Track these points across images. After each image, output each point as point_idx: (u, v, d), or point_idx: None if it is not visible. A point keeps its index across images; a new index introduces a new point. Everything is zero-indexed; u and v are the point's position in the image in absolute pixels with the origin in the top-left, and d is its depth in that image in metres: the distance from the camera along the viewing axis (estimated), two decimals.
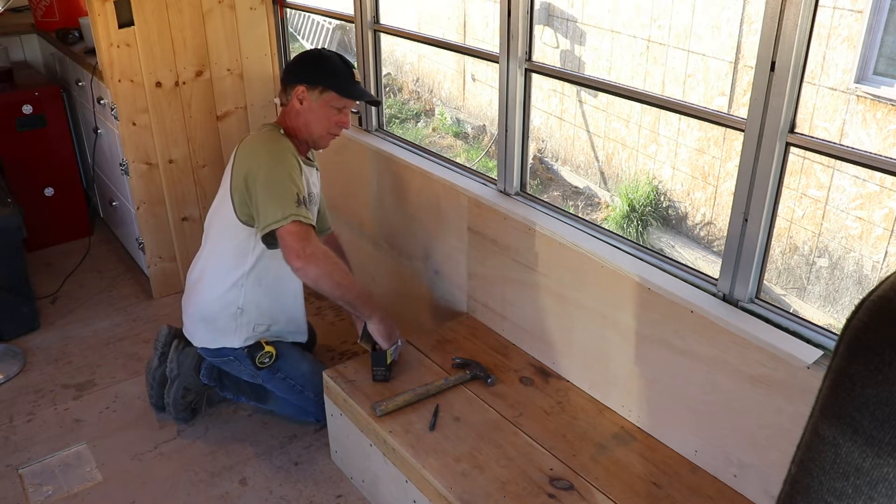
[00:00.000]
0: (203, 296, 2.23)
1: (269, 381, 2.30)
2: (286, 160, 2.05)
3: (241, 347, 2.22)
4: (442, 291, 2.52)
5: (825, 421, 0.57)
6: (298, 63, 2.19)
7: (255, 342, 2.23)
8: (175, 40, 2.87)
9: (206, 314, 2.23)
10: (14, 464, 2.28)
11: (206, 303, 2.22)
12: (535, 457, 1.83)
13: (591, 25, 6.50)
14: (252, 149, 2.10)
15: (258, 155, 2.07)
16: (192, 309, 2.27)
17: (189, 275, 2.34)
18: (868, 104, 4.57)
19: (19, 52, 3.89)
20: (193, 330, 2.28)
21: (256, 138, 2.15)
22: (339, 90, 2.14)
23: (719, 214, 5.64)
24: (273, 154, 2.06)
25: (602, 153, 6.64)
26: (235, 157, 2.14)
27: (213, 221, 2.25)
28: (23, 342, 2.88)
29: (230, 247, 2.16)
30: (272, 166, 2.03)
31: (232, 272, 2.17)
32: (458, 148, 7.70)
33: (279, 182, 2.00)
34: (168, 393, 2.34)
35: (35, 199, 3.43)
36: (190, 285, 2.31)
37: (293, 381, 2.29)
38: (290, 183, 2.00)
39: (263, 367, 2.23)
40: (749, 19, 5.22)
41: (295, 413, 2.40)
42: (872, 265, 4.71)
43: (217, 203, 2.24)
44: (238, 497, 2.16)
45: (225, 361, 2.28)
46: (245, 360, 2.23)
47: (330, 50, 2.28)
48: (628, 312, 1.86)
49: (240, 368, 2.28)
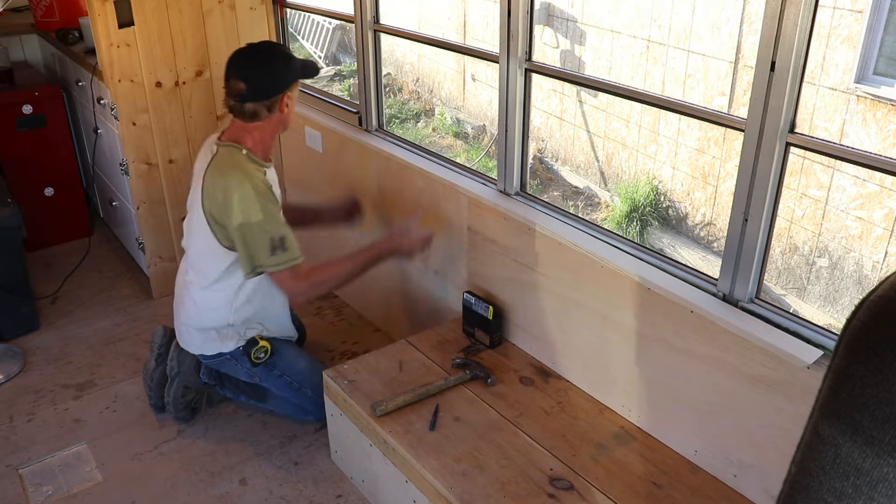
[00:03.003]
0: (192, 310, 2.23)
1: (267, 380, 2.30)
2: (263, 196, 2.03)
3: (236, 348, 2.23)
4: (442, 291, 2.52)
5: (825, 421, 0.57)
6: (266, 73, 2.07)
7: (248, 341, 2.24)
8: (175, 40, 2.87)
9: (198, 326, 2.24)
10: (14, 464, 2.28)
11: (197, 316, 2.23)
12: (535, 457, 1.83)
13: (591, 25, 6.50)
14: (225, 192, 2.02)
15: (237, 202, 2.00)
16: (183, 318, 2.27)
17: (177, 280, 2.34)
18: (868, 104, 4.57)
19: (19, 52, 3.89)
20: (188, 337, 2.28)
21: (223, 173, 2.05)
22: (303, 75, 2.15)
23: (719, 214, 5.64)
24: (249, 197, 2.01)
25: (602, 153, 6.64)
26: (204, 191, 2.06)
27: (192, 237, 2.19)
28: (23, 342, 2.88)
29: (215, 268, 2.15)
30: (253, 213, 2.01)
31: (219, 292, 2.17)
32: (458, 148, 7.70)
33: (264, 229, 2.02)
34: (168, 392, 2.35)
35: (35, 199, 3.43)
36: (178, 294, 2.30)
37: (290, 378, 2.29)
38: (275, 225, 2.04)
39: (259, 363, 2.23)
40: (749, 19, 5.21)
41: (294, 412, 2.40)
42: (872, 265, 4.71)
43: (194, 221, 2.15)
44: (238, 497, 2.16)
45: (222, 363, 2.28)
46: (241, 358, 2.24)
47: (255, 44, 2.18)
48: (628, 312, 1.86)
49: (237, 368, 2.28)
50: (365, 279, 2.92)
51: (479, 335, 2.27)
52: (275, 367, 2.27)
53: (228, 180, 2.03)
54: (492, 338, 2.23)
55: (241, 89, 2.05)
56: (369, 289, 2.93)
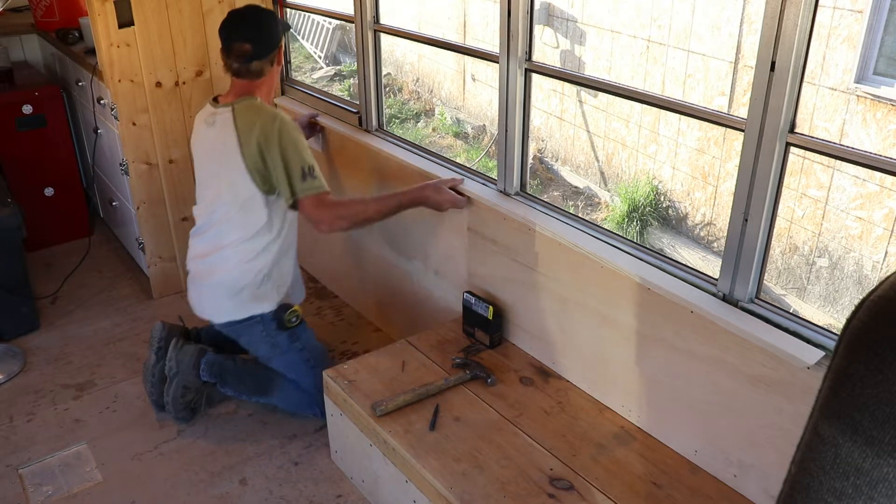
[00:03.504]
0: (226, 269, 2.25)
1: (287, 352, 2.33)
2: (295, 129, 2.18)
3: (269, 311, 2.28)
4: (442, 291, 2.52)
5: (825, 421, 0.57)
6: (265, 31, 2.23)
7: (280, 304, 2.30)
8: (175, 40, 2.87)
9: (232, 286, 2.25)
10: (14, 464, 2.28)
11: (232, 275, 2.25)
12: (535, 457, 1.83)
13: (591, 25, 6.50)
14: (263, 126, 2.14)
15: (278, 131, 2.13)
16: (212, 286, 2.28)
17: (193, 261, 2.34)
18: (868, 104, 4.57)
19: (19, 52, 3.90)
20: (216, 306, 2.29)
21: (257, 114, 2.18)
22: (284, 31, 2.35)
23: (719, 214, 5.64)
24: (287, 126, 2.16)
25: (602, 153, 6.64)
26: (240, 138, 2.15)
27: (225, 198, 2.23)
28: (23, 342, 2.88)
29: (257, 218, 2.22)
30: (290, 140, 2.14)
31: (258, 240, 2.23)
32: (458, 148, 7.70)
33: (300, 155, 2.15)
34: (167, 391, 2.34)
35: (35, 199, 3.43)
36: (207, 264, 2.30)
37: (308, 353, 2.35)
38: (307, 154, 2.16)
39: (291, 328, 2.30)
40: (749, 19, 5.22)
41: (298, 404, 2.40)
42: (872, 265, 4.71)
43: (230, 179, 2.21)
44: (238, 497, 2.16)
45: (248, 328, 2.29)
46: (270, 323, 2.29)
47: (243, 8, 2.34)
48: (628, 312, 1.86)
49: (261, 335, 2.30)
50: (365, 279, 2.93)
51: (479, 335, 2.27)
52: (298, 338, 2.33)
53: (264, 117, 2.16)
54: (492, 338, 2.24)
55: (246, 50, 2.19)
56: (369, 289, 2.94)
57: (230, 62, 2.21)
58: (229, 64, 2.21)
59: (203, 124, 2.29)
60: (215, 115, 2.23)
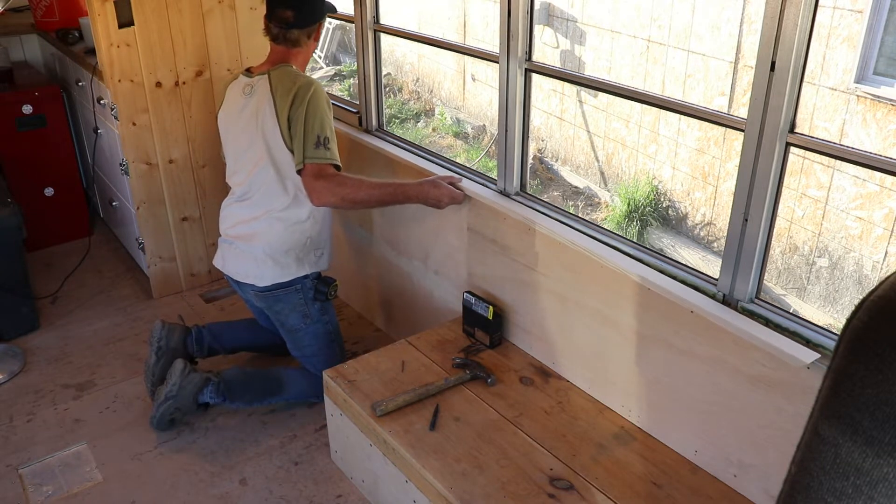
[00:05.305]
0: (274, 233, 2.26)
1: (316, 322, 2.37)
2: (327, 101, 2.21)
3: (310, 276, 2.31)
4: (442, 291, 2.52)
5: (825, 421, 0.57)
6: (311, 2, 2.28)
7: (318, 274, 2.36)
8: (175, 40, 2.87)
9: (279, 248, 2.26)
10: (14, 464, 2.28)
11: (279, 238, 2.26)
12: (535, 457, 1.83)
13: (591, 25, 6.50)
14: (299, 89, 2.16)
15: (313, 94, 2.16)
16: (256, 249, 2.28)
17: (235, 226, 2.33)
18: (868, 104, 4.57)
19: (19, 52, 3.89)
20: (260, 270, 2.28)
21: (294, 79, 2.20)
22: (331, 8, 2.38)
23: (719, 214, 5.64)
24: (320, 93, 2.19)
25: (602, 153, 6.64)
26: (277, 104, 2.17)
27: (261, 166, 2.23)
28: (23, 342, 2.88)
29: (298, 182, 2.23)
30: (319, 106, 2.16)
31: (304, 206, 2.25)
32: (458, 148, 7.70)
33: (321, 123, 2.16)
34: (158, 405, 2.33)
35: (35, 199, 3.43)
36: (246, 230, 2.30)
37: (332, 327, 2.42)
38: (329, 126, 2.18)
39: (329, 300, 2.37)
40: (749, 19, 5.22)
41: (307, 390, 2.42)
42: (872, 265, 4.71)
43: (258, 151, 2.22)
44: (238, 497, 2.16)
45: (287, 293, 2.31)
46: (309, 291, 2.33)
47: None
48: (628, 312, 1.86)
49: (297, 302, 2.33)
50: (365, 279, 2.92)
51: (479, 335, 2.27)
52: (327, 311, 2.40)
53: (300, 82, 2.18)
54: (492, 338, 2.24)
55: (288, 17, 2.23)
56: (369, 289, 2.94)
57: (271, 26, 2.26)
58: (270, 28, 2.26)
59: (239, 94, 2.29)
60: (252, 84, 2.25)
